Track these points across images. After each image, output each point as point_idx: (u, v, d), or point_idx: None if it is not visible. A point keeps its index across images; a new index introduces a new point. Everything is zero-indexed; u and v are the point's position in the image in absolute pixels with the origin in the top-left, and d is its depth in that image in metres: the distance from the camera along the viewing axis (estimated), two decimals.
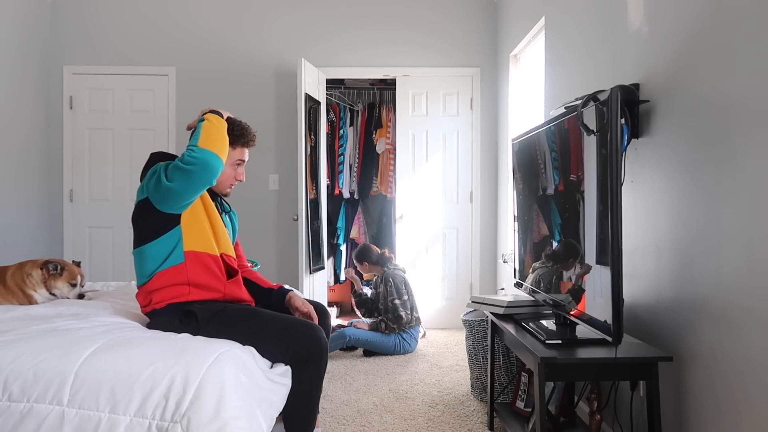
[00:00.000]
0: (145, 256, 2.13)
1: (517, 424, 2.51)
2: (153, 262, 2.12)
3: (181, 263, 2.10)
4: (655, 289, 2.09)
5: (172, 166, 2.02)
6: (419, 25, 4.84)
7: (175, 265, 2.10)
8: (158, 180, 2.03)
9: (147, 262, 2.13)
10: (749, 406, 1.59)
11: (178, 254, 2.10)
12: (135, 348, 1.82)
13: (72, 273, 2.64)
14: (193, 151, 2.01)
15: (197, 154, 1.99)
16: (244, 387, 1.76)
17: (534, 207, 2.59)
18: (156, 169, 2.08)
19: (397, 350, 4.00)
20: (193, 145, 2.03)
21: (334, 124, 5.44)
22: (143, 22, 4.78)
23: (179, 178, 1.99)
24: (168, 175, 2.01)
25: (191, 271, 2.11)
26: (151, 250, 2.11)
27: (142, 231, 2.13)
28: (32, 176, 4.50)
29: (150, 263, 2.13)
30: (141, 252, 2.13)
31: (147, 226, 2.11)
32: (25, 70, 4.39)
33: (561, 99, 3.00)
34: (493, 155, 4.87)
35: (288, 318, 2.14)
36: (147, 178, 2.10)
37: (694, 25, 1.85)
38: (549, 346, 2.01)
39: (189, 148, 2.03)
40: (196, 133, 2.08)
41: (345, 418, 2.85)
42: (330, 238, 5.35)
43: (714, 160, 1.74)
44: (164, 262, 2.10)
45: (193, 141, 2.06)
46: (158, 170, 2.06)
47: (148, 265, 2.13)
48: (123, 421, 1.65)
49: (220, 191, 2.29)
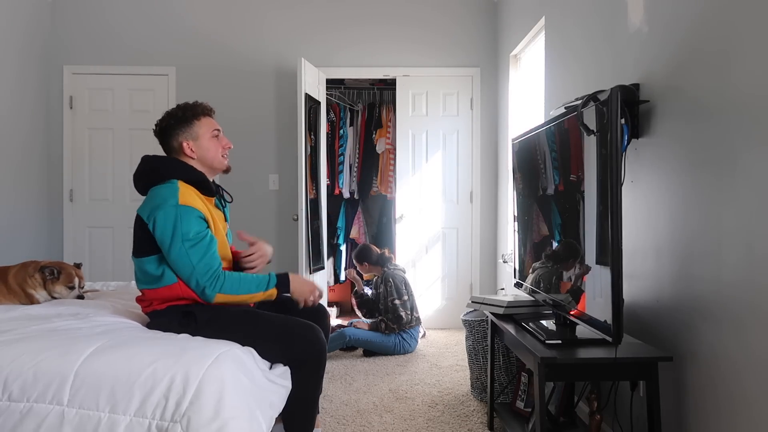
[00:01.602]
0: (142, 267, 2.13)
1: (517, 424, 2.51)
2: (148, 277, 2.12)
3: (174, 283, 2.09)
4: (655, 289, 2.09)
5: (197, 280, 2.03)
6: (419, 25, 4.84)
7: (168, 285, 2.09)
8: (178, 263, 2.03)
9: (143, 274, 2.13)
10: (749, 406, 1.59)
11: (170, 275, 2.08)
12: (135, 348, 1.82)
13: (69, 276, 2.64)
14: (209, 298, 2.05)
15: (208, 299, 2.05)
16: (244, 387, 1.76)
17: (534, 207, 2.59)
18: (182, 249, 2.02)
19: (397, 350, 4.00)
20: (222, 292, 2.05)
21: (334, 124, 5.43)
22: (143, 21, 4.78)
23: (190, 281, 2.05)
24: (191, 281, 2.04)
25: (185, 288, 2.09)
26: (147, 266, 2.11)
27: (140, 244, 2.12)
28: (32, 176, 4.50)
29: (146, 277, 2.13)
30: (139, 261, 2.13)
31: (144, 241, 2.10)
32: (25, 69, 4.39)
33: (561, 99, 3.00)
34: (493, 155, 4.87)
35: (287, 319, 2.13)
36: (167, 235, 2.01)
37: (694, 25, 1.85)
38: (549, 346, 2.00)
39: (209, 296, 2.04)
40: (249, 283, 2.10)
41: (345, 418, 2.85)
42: (330, 238, 5.35)
43: (714, 159, 1.74)
44: (158, 281, 2.09)
45: (247, 287, 2.08)
46: (187, 254, 2.02)
47: (145, 278, 2.13)
48: (123, 421, 1.66)
49: (219, 168, 2.27)
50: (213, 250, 2.07)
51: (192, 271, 2.02)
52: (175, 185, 2.08)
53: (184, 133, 2.19)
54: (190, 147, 2.19)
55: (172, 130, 2.19)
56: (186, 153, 2.19)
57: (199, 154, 2.20)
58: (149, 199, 2.11)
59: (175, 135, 2.19)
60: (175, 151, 2.21)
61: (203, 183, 2.17)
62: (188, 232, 2.01)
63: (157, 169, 2.16)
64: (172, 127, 2.19)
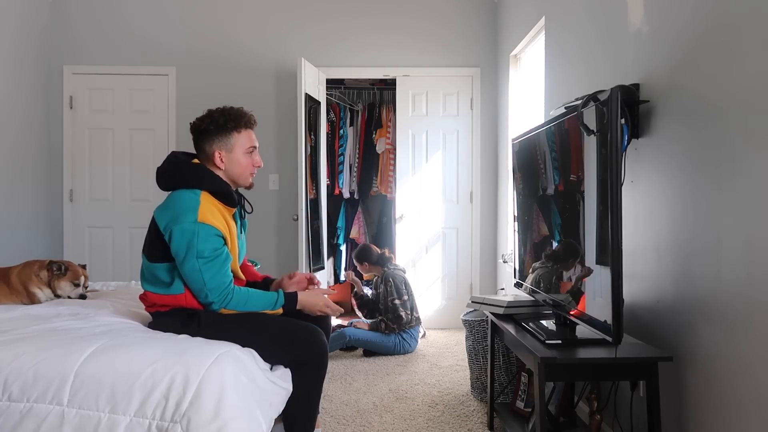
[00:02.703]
0: (151, 270, 2.12)
1: (517, 424, 2.50)
2: (156, 281, 2.11)
3: (181, 294, 2.08)
4: (655, 289, 2.09)
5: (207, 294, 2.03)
6: (419, 26, 4.84)
7: (174, 294, 2.09)
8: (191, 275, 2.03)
9: (151, 277, 2.12)
10: (749, 406, 1.59)
11: (179, 285, 2.08)
12: (135, 348, 1.82)
13: (76, 273, 2.69)
14: (214, 311, 2.07)
15: (216, 309, 2.06)
16: (244, 387, 1.76)
17: (534, 207, 2.59)
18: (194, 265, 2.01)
19: (397, 350, 4.00)
20: (230, 305, 2.07)
21: (334, 124, 5.44)
22: (143, 21, 4.77)
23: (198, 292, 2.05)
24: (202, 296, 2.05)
25: (190, 300, 2.09)
26: (157, 271, 2.10)
27: (153, 247, 2.10)
28: (32, 176, 4.50)
29: (153, 280, 2.12)
30: (150, 264, 2.12)
31: (158, 247, 2.08)
32: (25, 69, 4.38)
33: (561, 99, 3.00)
34: (493, 155, 4.87)
35: (288, 321, 2.13)
36: (182, 249, 2.00)
37: (694, 25, 1.85)
38: (549, 346, 2.00)
39: (215, 309, 2.06)
40: (256, 301, 2.11)
41: (345, 418, 2.85)
42: (330, 238, 5.35)
43: (714, 159, 1.74)
44: (165, 288, 2.09)
45: (252, 303, 2.10)
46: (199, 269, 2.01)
47: (152, 280, 2.12)
48: (123, 421, 1.66)
49: (243, 184, 2.24)
50: (227, 267, 2.07)
51: (203, 286, 2.02)
52: (198, 196, 2.05)
53: (219, 142, 2.15)
54: (222, 158, 2.15)
55: (210, 135, 2.15)
56: (215, 162, 2.16)
57: (227, 166, 2.17)
58: (170, 204, 2.07)
59: (211, 141, 2.15)
60: (205, 155, 2.17)
61: (227, 195, 2.14)
62: (204, 250, 2.00)
63: (184, 173, 2.13)
64: (211, 132, 2.15)
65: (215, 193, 2.10)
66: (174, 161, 2.18)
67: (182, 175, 2.12)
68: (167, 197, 2.12)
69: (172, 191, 2.12)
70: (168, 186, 2.15)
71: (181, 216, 2.00)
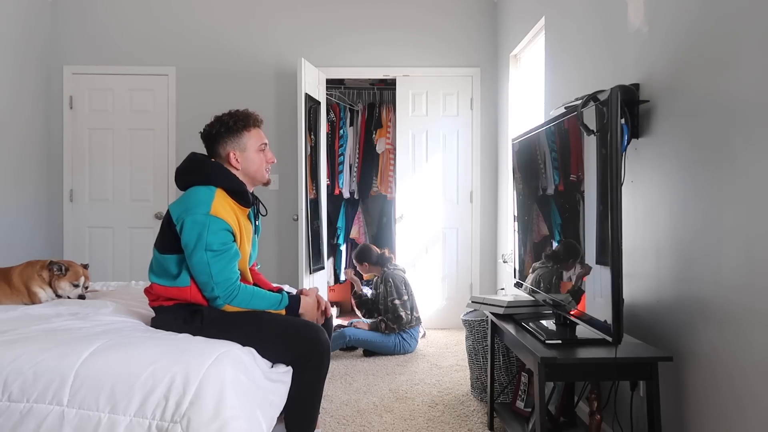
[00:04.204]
0: (160, 262, 2.14)
1: (517, 424, 2.50)
2: (164, 273, 2.13)
3: (186, 287, 2.10)
4: (655, 289, 2.09)
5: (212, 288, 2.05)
6: (419, 25, 4.84)
7: (180, 287, 2.11)
8: (198, 268, 2.04)
9: (160, 268, 2.15)
10: (749, 406, 1.59)
11: (186, 277, 2.10)
12: (135, 348, 1.82)
13: (76, 273, 2.71)
14: (218, 306, 2.08)
15: (220, 304, 2.08)
16: (244, 387, 1.76)
17: (534, 207, 2.59)
18: (204, 256, 2.02)
19: (397, 350, 4.00)
20: (234, 303, 2.08)
21: (334, 124, 5.43)
22: (143, 21, 4.78)
23: (204, 286, 2.06)
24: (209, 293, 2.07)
25: (195, 293, 2.10)
26: (166, 263, 2.12)
27: (165, 239, 2.13)
28: (32, 176, 4.50)
29: (162, 271, 2.14)
30: (160, 256, 2.14)
31: (169, 239, 2.11)
32: (25, 69, 4.38)
33: (561, 99, 3.00)
34: (493, 155, 4.87)
35: (290, 319, 2.14)
36: (192, 240, 2.02)
37: (694, 25, 1.85)
38: (549, 346, 2.00)
39: (219, 305, 2.08)
40: (260, 300, 2.13)
41: (345, 418, 2.85)
42: (330, 238, 5.35)
43: (714, 159, 1.74)
44: (172, 280, 2.11)
45: (256, 303, 2.12)
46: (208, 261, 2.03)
47: (160, 272, 2.15)
48: (123, 421, 1.66)
49: (261, 181, 2.28)
50: (234, 264, 2.09)
51: (210, 279, 2.04)
52: (213, 192, 2.08)
53: (232, 143, 2.20)
54: (237, 158, 2.20)
55: (221, 138, 2.20)
56: (231, 162, 2.20)
57: (243, 165, 2.21)
58: (185, 198, 2.11)
59: (224, 143, 2.20)
60: (220, 158, 2.22)
61: (242, 194, 2.17)
62: (213, 243, 2.02)
63: (201, 171, 2.16)
64: (222, 135, 2.20)
65: (230, 191, 2.14)
66: (193, 160, 2.23)
67: (199, 172, 2.17)
68: (185, 192, 2.16)
69: (190, 188, 2.16)
70: (185, 184, 2.19)
71: (193, 207, 2.04)
